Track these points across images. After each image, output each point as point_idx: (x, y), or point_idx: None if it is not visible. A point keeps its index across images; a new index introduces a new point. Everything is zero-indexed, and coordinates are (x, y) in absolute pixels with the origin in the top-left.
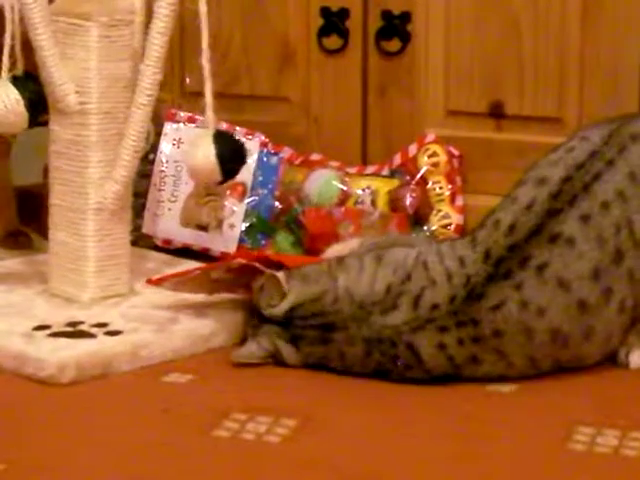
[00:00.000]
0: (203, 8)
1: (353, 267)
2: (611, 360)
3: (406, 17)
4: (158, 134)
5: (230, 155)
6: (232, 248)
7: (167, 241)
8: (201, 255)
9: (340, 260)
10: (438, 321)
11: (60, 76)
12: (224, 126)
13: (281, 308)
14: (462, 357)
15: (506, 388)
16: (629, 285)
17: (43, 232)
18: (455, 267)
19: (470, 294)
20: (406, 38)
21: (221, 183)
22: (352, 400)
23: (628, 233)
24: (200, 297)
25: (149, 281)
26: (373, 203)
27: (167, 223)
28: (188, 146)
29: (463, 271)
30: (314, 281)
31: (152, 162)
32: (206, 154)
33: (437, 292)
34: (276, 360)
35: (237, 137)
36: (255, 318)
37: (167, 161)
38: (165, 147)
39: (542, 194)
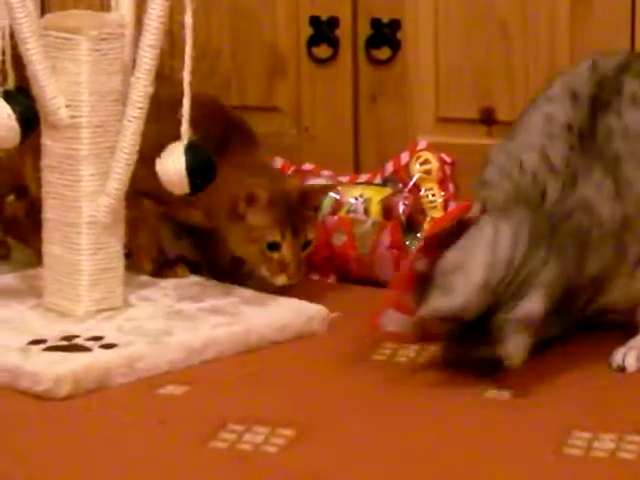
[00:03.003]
0: (189, 20)
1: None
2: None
3: (395, 25)
4: None
5: (199, 169)
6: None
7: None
8: (196, 265)
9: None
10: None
11: (51, 90)
12: None
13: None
14: None
15: (503, 394)
16: None
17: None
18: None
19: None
20: (396, 46)
21: (189, 196)
22: (349, 410)
23: None
24: (198, 306)
25: (371, 325)
26: (366, 211)
27: None
28: (162, 156)
29: None
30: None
31: None
32: (176, 166)
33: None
34: None
35: (208, 152)
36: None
37: None
38: None
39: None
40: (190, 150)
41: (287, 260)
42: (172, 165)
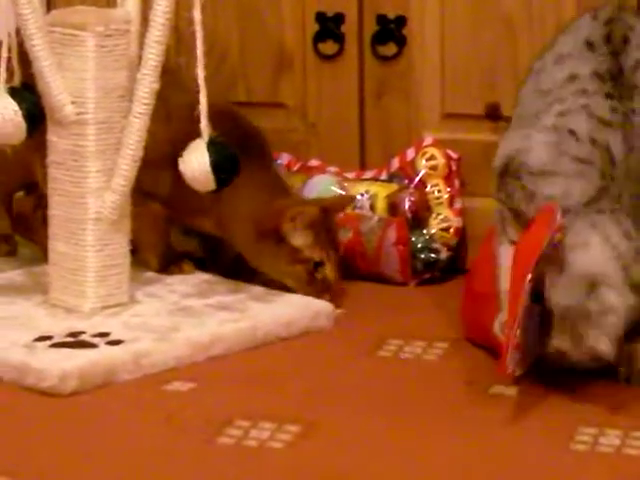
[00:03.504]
0: (198, 16)
1: None
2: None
3: (401, 21)
4: None
5: (223, 164)
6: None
7: None
8: (202, 261)
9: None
10: None
11: (57, 86)
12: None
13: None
14: None
15: (509, 390)
16: None
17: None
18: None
19: None
20: (402, 42)
21: (214, 192)
22: (354, 406)
23: None
24: (205, 302)
25: (500, 370)
26: (372, 208)
27: None
28: (184, 154)
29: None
30: None
31: None
32: (200, 163)
33: None
34: None
35: (230, 147)
36: None
37: None
38: None
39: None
40: (212, 146)
41: (331, 278)
42: (196, 162)
